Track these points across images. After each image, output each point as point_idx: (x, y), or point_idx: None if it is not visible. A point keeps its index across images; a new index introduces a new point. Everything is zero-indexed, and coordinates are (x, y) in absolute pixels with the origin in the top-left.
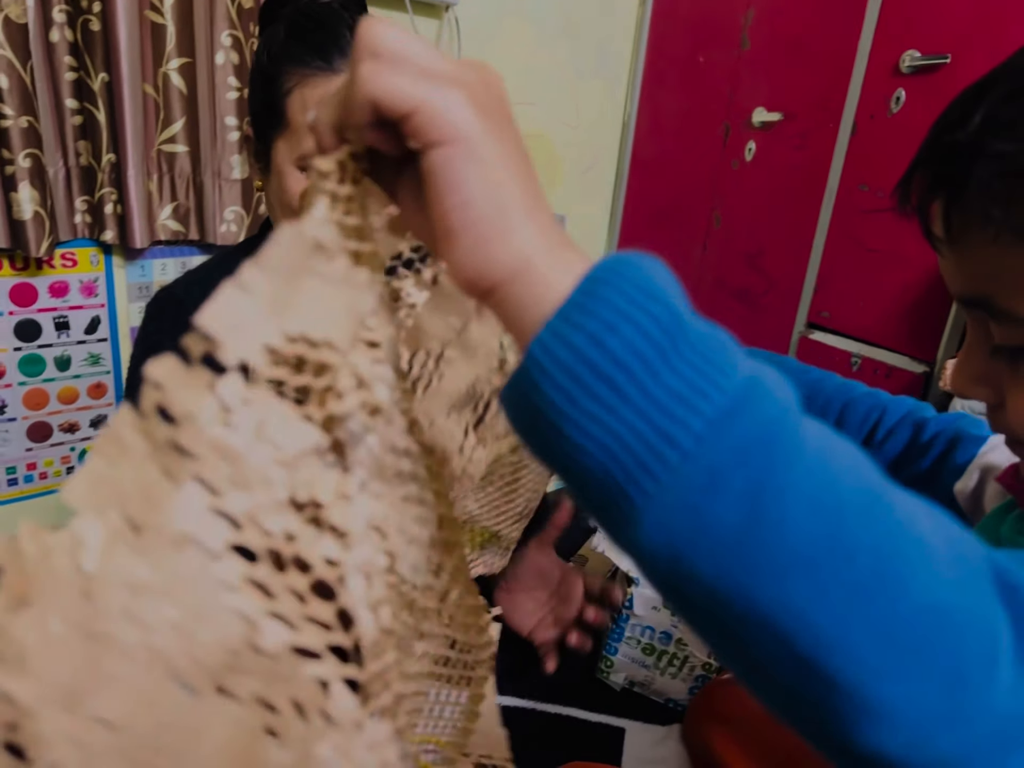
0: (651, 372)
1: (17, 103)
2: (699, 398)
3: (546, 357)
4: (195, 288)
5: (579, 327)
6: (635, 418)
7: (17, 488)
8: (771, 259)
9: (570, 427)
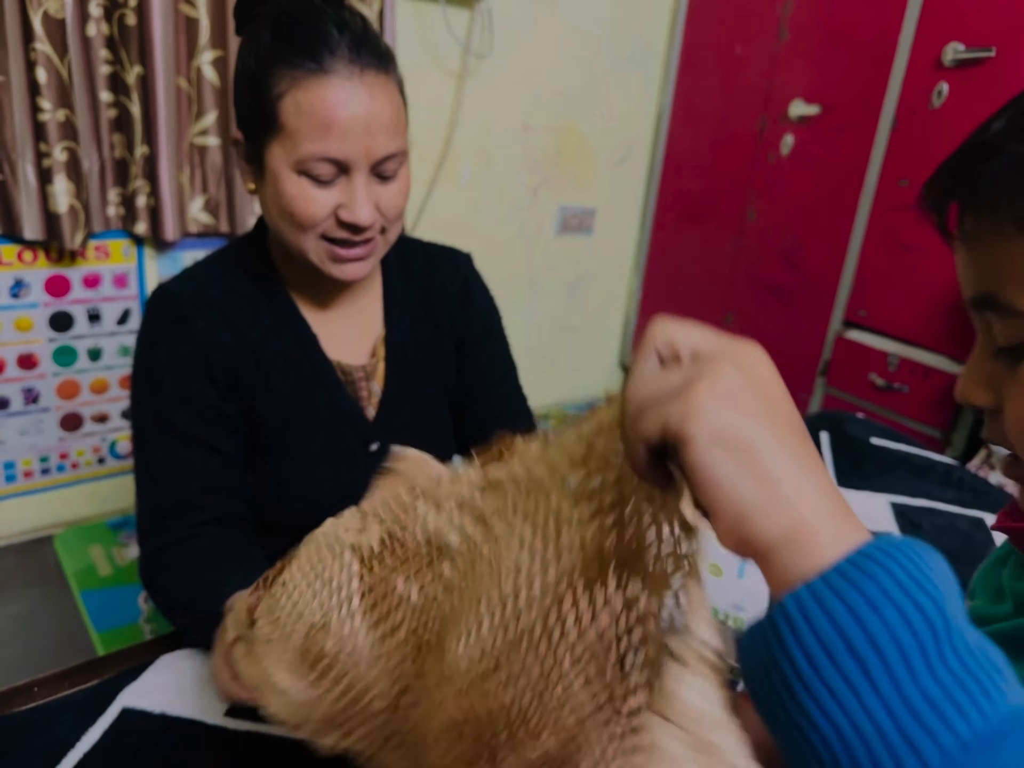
0: (908, 667)
1: (55, 97)
2: (956, 714)
3: (799, 615)
4: (200, 302)
5: (841, 596)
6: (881, 712)
7: (50, 477)
8: (807, 255)
9: (805, 695)
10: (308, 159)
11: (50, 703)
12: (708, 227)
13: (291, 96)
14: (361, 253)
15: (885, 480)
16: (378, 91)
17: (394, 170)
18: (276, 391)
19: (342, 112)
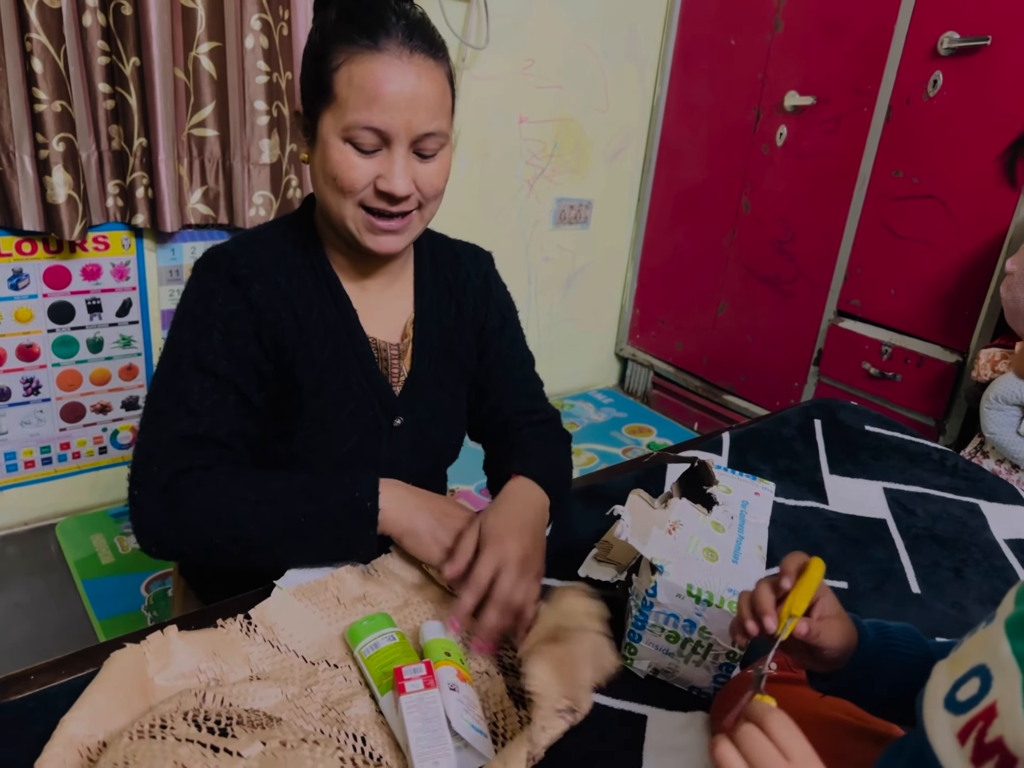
0: None
1: (51, 87)
2: None
3: None
4: (256, 266)
5: None
6: None
7: (51, 467)
8: (801, 246)
9: None
10: (353, 127)
11: (47, 691)
12: (703, 218)
13: (345, 68)
14: (396, 226)
15: (879, 467)
16: (424, 73)
17: (434, 150)
18: (315, 357)
19: (388, 86)
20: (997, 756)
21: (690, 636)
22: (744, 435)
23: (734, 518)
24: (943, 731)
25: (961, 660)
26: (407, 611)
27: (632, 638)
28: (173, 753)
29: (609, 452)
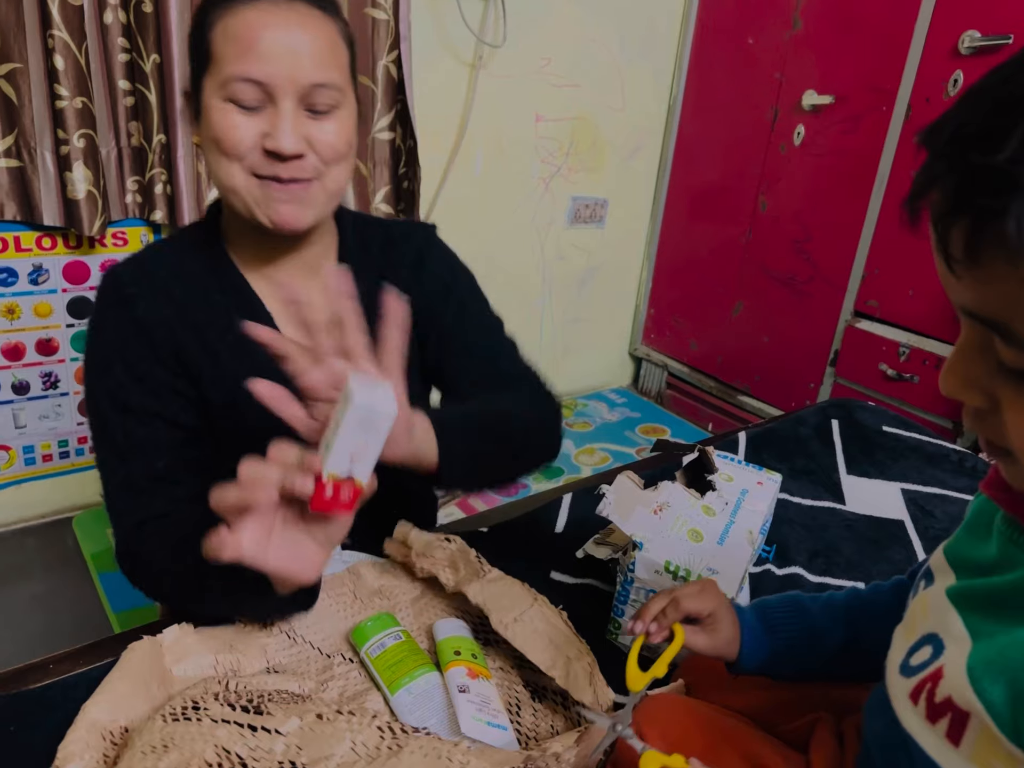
0: None
1: (72, 84)
2: None
3: None
4: (143, 282)
5: None
6: None
7: (69, 461)
8: (818, 245)
9: None
10: (231, 80)
11: (65, 679)
12: (719, 217)
13: (221, 24)
14: (293, 193)
15: (897, 468)
16: (308, 21)
17: (328, 105)
18: (226, 371)
19: (265, 32)
20: (950, 714)
21: None
22: (760, 434)
23: (728, 504)
24: (900, 695)
25: (912, 627)
26: (422, 603)
27: (616, 613)
28: (212, 736)
29: (623, 452)
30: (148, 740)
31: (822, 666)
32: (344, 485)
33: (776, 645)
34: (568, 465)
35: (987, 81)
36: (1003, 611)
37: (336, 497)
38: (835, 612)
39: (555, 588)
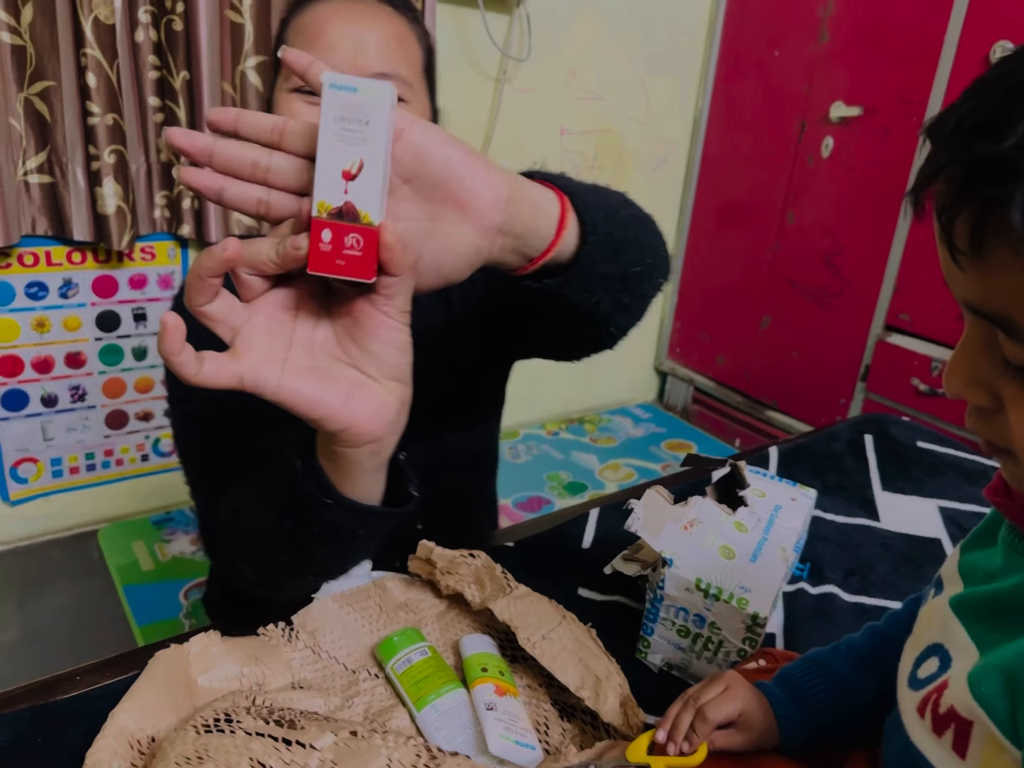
0: None
1: (104, 101)
2: None
3: None
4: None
5: None
6: None
7: (95, 473)
8: (847, 258)
9: None
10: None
11: (92, 691)
12: (746, 230)
13: (293, 24)
14: None
15: (934, 484)
16: (377, 14)
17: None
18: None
19: (331, 24)
20: (953, 724)
21: (700, 631)
22: (792, 450)
23: (761, 520)
24: (908, 708)
25: (918, 637)
26: (448, 618)
27: (645, 631)
28: (247, 748)
29: (648, 468)
30: (182, 751)
31: (868, 717)
32: (347, 229)
33: (815, 718)
34: (592, 481)
35: (993, 72)
36: (1004, 619)
37: (338, 245)
38: (860, 661)
39: (582, 605)
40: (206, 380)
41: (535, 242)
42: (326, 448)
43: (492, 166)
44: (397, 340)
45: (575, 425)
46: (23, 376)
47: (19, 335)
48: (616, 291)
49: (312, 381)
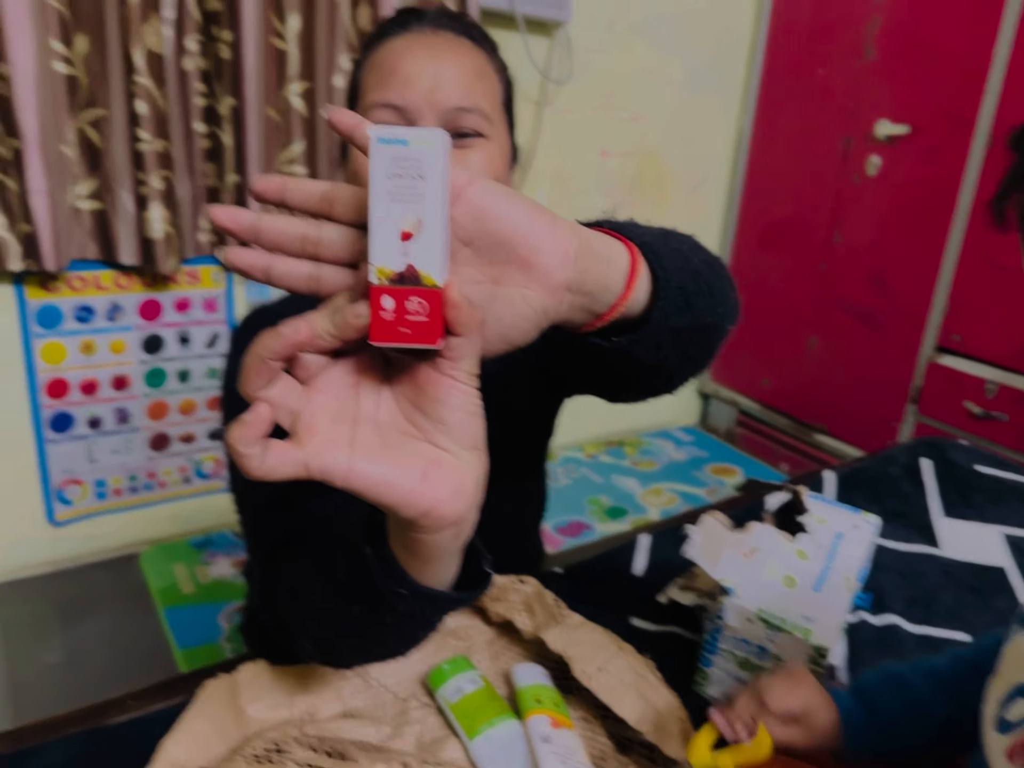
0: None
1: (153, 128)
2: None
3: None
4: (295, 304)
5: None
6: None
7: (138, 495)
8: (896, 278)
9: None
10: (370, 108)
11: (141, 717)
12: (791, 250)
13: (369, 60)
14: None
15: (996, 511)
16: (454, 46)
17: (473, 130)
18: None
19: (407, 58)
20: None
21: (762, 663)
22: (848, 475)
23: (823, 547)
24: (996, 753)
25: (1005, 676)
26: (498, 646)
27: (703, 663)
28: None
29: (691, 493)
30: None
31: (932, 741)
32: (409, 293)
33: (879, 728)
34: (634, 506)
35: None
36: None
37: (401, 311)
38: (939, 682)
39: (636, 635)
40: (269, 473)
41: (605, 298)
42: (399, 534)
43: (558, 221)
44: (467, 405)
45: (615, 448)
46: (70, 398)
47: (66, 358)
48: (685, 344)
49: (384, 461)
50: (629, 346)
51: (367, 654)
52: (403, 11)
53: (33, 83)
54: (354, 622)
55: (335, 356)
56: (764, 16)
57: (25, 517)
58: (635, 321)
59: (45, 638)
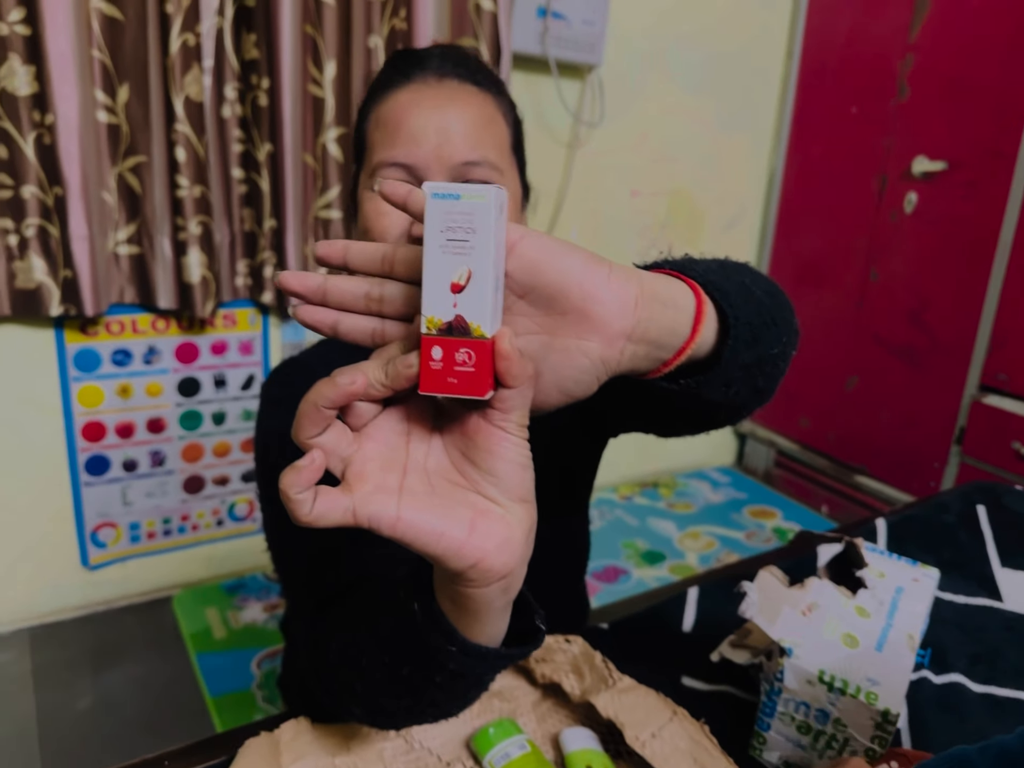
0: None
1: (192, 174)
2: None
3: None
4: (322, 356)
5: None
6: None
7: (171, 539)
8: (936, 315)
9: None
10: (378, 167)
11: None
12: (827, 288)
13: (374, 115)
14: None
15: None
16: (460, 96)
17: (481, 181)
18: None
19: (412, 114)
20: None
21: (823, 728)
22: (899, 522)
23: (883, 603)
24: None
25: None
26: (544, 708)
27: (760, 726)
28: None
29: (730, 536)
30: None
31: None
32: (458, 344)
33: None
34: (671, 550)
35: None
36: None
37: (449, 361)
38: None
39: (687, 695)
40: (316, 519)
41: (671, 343)
42: (447, 588)
43: (616, 270)
44: (517, 457)
45: (649, 489)
46: (106, 441)
47: (103, 401)
48: (754, 378)
49: (432, 511)
50: (698, 388)
51: (418, 716)
52: (404, 56)
53: (77, 132)
54: (404, 683)
55: (386, 404)
56: (795, 56)
57: (59, 560)
58: (702, 361)
59: (76, 684)
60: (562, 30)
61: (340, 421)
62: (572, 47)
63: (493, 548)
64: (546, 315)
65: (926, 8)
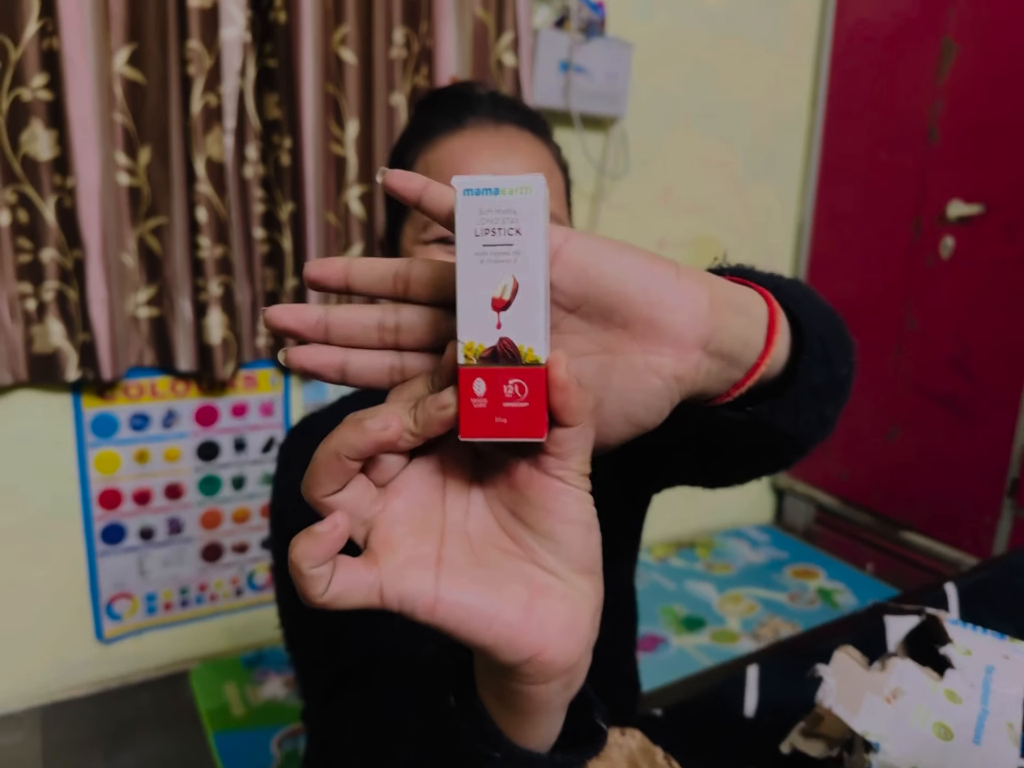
0: None
1: (213, 234)
2: None
3: None
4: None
5: None
6: None
7: (188, 609)
8: (981, 362)
9: None
10: (433, 224)
11: None
12: (863, 336)
13: (421, 160)
14: None
15: None
16: (520, 145)
17: None
18: None
19: (471, 164)
20: None
21: None
22: (973, 587)
23: (975, 686)
24: None
25: None
26: None
27: None
28: None
29: (772, 599)
30: None
31: None
32: (507, 374)
33: None
34: (711, 615)
35: None
36: None
37: (497, 396)
38: None
39: None
40: (333, 600)
41: (745, 358)
42: (493, 682)
43: (684, 269)
44: (580, 514)
45: (686, 550)
46: (122, 509)
47: (120, 467)
48: (823, 404)
49: (479, 589)
50: (771, 414)
51: None
52: (451, 96)
53: (97, 195)
54: None
55: (413, 452)
56: (820, 101)
57: (73, 634)
58: (769, 385)
59: (88, 766)
60: (585, 83)
61: (363, 475)
62: (595, 100)
63: (555, 635)
64: (603, 330)
65: (952, 53)
